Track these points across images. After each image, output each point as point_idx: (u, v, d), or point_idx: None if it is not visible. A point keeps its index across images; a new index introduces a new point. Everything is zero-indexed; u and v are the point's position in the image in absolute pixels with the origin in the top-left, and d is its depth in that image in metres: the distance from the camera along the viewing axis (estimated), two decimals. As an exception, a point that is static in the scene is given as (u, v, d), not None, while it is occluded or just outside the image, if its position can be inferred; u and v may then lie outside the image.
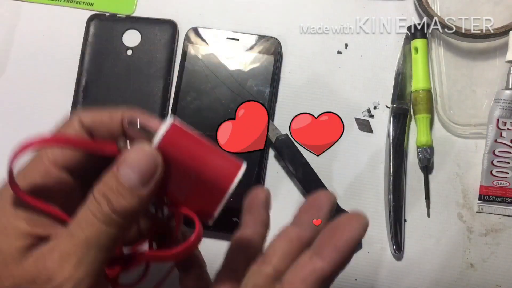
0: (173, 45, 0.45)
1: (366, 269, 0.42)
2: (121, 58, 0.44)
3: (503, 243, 0.42)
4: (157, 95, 0.44)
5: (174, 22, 0.45)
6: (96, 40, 0.45)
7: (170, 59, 0.45)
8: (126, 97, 0.44)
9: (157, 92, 0.44)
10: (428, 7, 0.44)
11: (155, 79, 0.44)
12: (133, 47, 0.45)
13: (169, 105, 0.44)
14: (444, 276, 0.42)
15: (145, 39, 0.45)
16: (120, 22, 0.45)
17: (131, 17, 0.46)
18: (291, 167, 0.42)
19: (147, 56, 0.44)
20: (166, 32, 0.45)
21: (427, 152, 0.43)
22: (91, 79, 0.44)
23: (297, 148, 0.42)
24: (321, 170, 0.43)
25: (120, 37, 0.45)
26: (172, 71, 0.45)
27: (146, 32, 0.45)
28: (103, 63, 0.44)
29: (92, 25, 0.45)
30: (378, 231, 0.42)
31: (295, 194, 0.43)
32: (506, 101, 0.42)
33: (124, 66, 0.44)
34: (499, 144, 0.42)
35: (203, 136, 0.23)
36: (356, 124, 0.44)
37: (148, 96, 0.44)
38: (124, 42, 0.45)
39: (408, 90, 0.44)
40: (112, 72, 0.44)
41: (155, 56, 0.45)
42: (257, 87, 0.43)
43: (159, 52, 0.45)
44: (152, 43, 0.45)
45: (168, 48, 0.45)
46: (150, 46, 0.45)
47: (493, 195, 0.43)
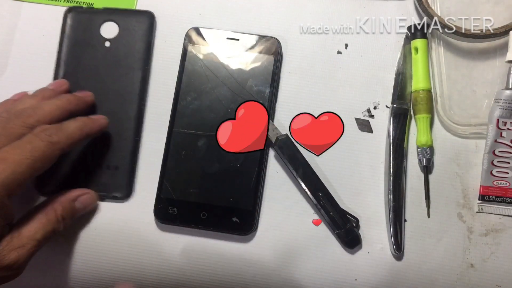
0: (151, 36, 0.45)
1: (366, 269, 0.42)
2: (99, 50, 0.45)
3: (504, 243, 0.42)
4: (135, 86, 0.44)
5: (151, 13, 0.46)
6: (73, 32, 0.45)
7: (148, 50, 0.45)
8: (104, 88, 0.44)
9: (135, 83, 0.44)
10: (428, 7, 0.44)
11: (133, 70, 0.44)
12: (111, 39, 0.45)
13: (147, 98, 0.45)
14: (444, 276, 0.42)
15: (123, 30, 0.45)
16: (97, 14, 0.45)
17: (109, 8, 0.46)
18: (291, 167, 0.42)
19: (125, 48, 0.45)
20: (144, 23, 0.45)
21: (427, 152, 0.43)
22: (69, 71, 0.44)
23: (297, 148, 0.42)
24: (321, 170, 0.43)
25: (98, 29, 0.45)
26: (150, 62, 0.45)
27: (124, 23, 0.45)
28: (81, 55, 0.45)
29: (69, 17, 0.45)
30: (378, 231, 0.42)
31: (295, 194, 0.43)
32: (506, 101, 0.42)
33: (102, 58, 0.44)
34: (499, 144, 0.42)
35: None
36: (356, 124, 0.44)
37: (125, 87, 0.44)
38: (102, 34, 0.45)
39: (408, 90, 0.44)
40: (90, 64, 0.44)
41: (133, 47, 0.45)
42: (257, 87, 0.43)
43: (137, 43, 0.45)
44: (130, 34, 0.45)
45: (146, 39, 0.45)
46: (128, 37, 0.45)
47: (493, 195, 0.43)
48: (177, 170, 0.42)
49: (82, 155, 0.43)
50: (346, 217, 0.41)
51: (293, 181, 0.43)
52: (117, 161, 0.43)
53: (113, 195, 0.43)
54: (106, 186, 0.43)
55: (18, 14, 0.46)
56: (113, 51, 0.45)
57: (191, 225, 0.41)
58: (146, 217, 0.42)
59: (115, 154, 0.43)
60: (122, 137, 0.43)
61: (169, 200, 0.42)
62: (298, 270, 0.42)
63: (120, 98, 0.44)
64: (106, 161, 0.43)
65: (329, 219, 0.41)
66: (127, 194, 0.43)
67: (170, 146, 0.43)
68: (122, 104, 0.44)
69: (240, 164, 0.42)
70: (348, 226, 0.41)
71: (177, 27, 0.46)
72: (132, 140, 0.43)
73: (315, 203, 0.41)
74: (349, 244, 0.41)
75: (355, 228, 0.41)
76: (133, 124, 0.44)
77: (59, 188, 0.41)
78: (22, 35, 0.46)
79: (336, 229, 0.41)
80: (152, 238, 0.42)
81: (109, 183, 0.43)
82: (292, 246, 0.42)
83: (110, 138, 0.43)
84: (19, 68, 0.45)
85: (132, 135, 0.43)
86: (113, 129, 0.43)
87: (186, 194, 0.42)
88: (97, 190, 0.42)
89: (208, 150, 0.42)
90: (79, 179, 0.42)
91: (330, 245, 0.42)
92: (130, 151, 0.43)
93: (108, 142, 0.43)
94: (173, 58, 0.45)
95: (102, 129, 0.40)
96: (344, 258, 0.42)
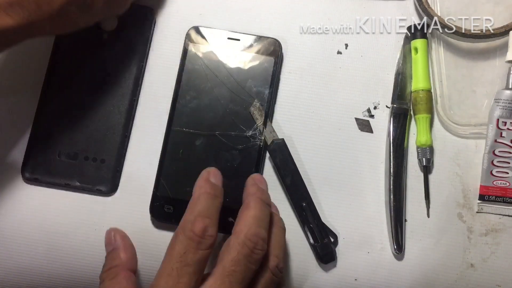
0: (149, 32, 0.45)
1: (367, 269, 0.42)
2: (96, 41, 0.45)
3: (503, 243, 0.42)
4: (129, 81, 0.44)
5: (151, 8, 0.46)
6: None
7: (145, 46, 0.45)
8: (98, 80, 0.44)
9: (129, 78, 0.44)
10: (428, 7, 0.44)
11: (128, 65, 0.44)
12: (109, 31, 0.45)
13: (139, 93, 0.45)
14: (444, 276, 0.42)
15: (122, 24, 0.45)
16: None
17: None
18: (281, 173, 0.42)
19: (123, 42, 0.45)
20: (143, 18, 0.45)
21: (427, 152, 0.43)
22: (64, 61, 0.44)
23: (290, 154, 0.42)
24: (321, 170, 0.43)
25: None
26: (146, 59, 0.45)
27: (123, 17, 0.45)
28: (78, 46, 0.44)
29: None
30: (378, 231, 0.42)
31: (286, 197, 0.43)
32: (506, 101, 0.42)
33: (99, 50, 0.44)
34: (499, 144, 0.42)
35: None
36: (356, 124, 0.44)
37: (120, 81, 0.44)
38: (101, 26, 0.45)
39: (408, 90, 0.44)
40: (87, 55, 0.44)
41: (130, 42, 0.45)
42: (257, 87, 0.43)
43: (135, 38, 0.45)
44: (128, 29, 0.45)
45: (144, 35, 0.45)
46: (126, 32, 0.45)
47: (493, 195, 0.43)
48: (174, 169, 0.42)
49: (70, 144, 0.43)
50: (325, 232, 0.41)
51: (282, 187, 0.43)
52: (104, 154, 0.43)
53: (97, 189, 0.43)
54: (90, 178, 0.43)
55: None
56: (111, 44, 0.45)
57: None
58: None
59: (103, 147, 0.43)
60: (111, 130, 0.43)
61: (165, 198, 0.42)
62: (295, 269, 0.42)
63: (112, 92, 0.44)
64: (93, 153, 0.43)
65: (307, 230, 0.41)
66: (111, 189, 0.43)
67: (168, 145, 0.43)
68: (114, 97, 0.44)
69: (237, 164, 0.42)
70: (325, 241, 0.41)
71: (177, 27, 0.46)
72: (121, 135, 0.43)
73: (297, 213, 0.41)
74: (323, 259, 0.41)
75: (331, 244, 0.41)
76: (123, 119, 0.44)
77: (45, 175, 0.42)
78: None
79: (313, 241, 0.41)
80: (148, 236, 0.42)
81: (94, 176, 0.43)
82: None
83: (99, 131, 0.43)
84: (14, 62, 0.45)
85: (121, 129, 0.43)
86: (103, 122, 0.43)
87: (183, 192, 0.41)
88: (82, 182, 0.42)
89: (205, 149, 0.42)
90: (65, 169, 0.43)
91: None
92: (118, 145, 0.43)
93: (97, 135, 0.43)
94: (173, 58, 0.45)
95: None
96: (344, 258, 0.42)
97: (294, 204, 0.41)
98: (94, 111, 0.43)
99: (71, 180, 0.43)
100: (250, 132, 0.43)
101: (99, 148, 0.43)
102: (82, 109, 0.43)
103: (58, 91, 0.44)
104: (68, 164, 0.43)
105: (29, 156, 0.43)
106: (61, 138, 0.43)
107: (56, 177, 0.43)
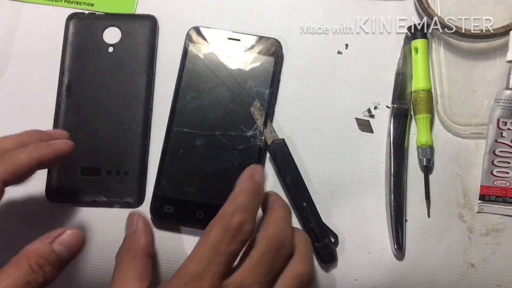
0: (154, 40, 0.45)
1: (367, 269, 0.42)
2: (102, 55, 0.45)
3: (504, 243, 0.42)
4: (140, 90, 0.44)
5: (154, 17, 0.46)
6: (76, 39, 0.45)
7: (151, 54, 0.45)
8: (110, 94, 0.44)
9: (141, 88, 0.44)
10: (428, 7, 0.44)
11: (137, 74, 0.44)
12: (114, 44, 0.45)
13: (153, 101, 0.44)
14: (444, 276, 0.41)
15: (126, 35, 0.45)
16: (99, 20, 0.45)
17: (111, 14, 0.46)
18: (281, 173, 0.42)
19: (129, 52, 0.45)
20: (146, 27, 0.45)
21: (427, 152, 0.43)
22: (74, 78, 0.44)
23: (291, 154, 0.42)
24: (321, 170, 0.43)
25: (100, 34, 0.45)
26: (154, 66, 0.45)
27: (126, 28, 0.45)
28: (84, 62, 0.45)
29: (71, 24, 0.45)
30: (379, 231, 0.42)
31: (285, 198, 0.43)
32: (506, 101, 0.42)
33: (106, 63, 0.44)
34: (499, 144, 0.42)
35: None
36: (357, 124, 0.44)
37: (131, 92, 0.44)
38: (105, 40, 0.45)
39: (408, 90, 0.44)
40: (94, 70, 0.44)
41: (136, 52, 0.45)
42: (257, 88, 0.43)
43: (140, 47, 0.45)
44: (132, 39, 0.45)
45: (149, 43, 0.45)
46: (131, 42, 0.45)
47: (494, 195, 0.42)
48: (175, 169, 0.42)
49: (91, 160, 0.43)
50: (326, 232, 0.41)
51: (282, 186, 0.43)
52: (127, 166, 0.43)
53: (125, 201, 0.42)
54: (117, 192, 0.42)
55: (19, 14, 0.46)
56: (117, 56, 0.45)
57: (187, 224, 0.41)
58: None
59: (125, 159, 0.43)
60: (130, 142, 0.43)
61: (165, 198, 0.42)
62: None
63: (126, 103, 0.44)
64: (116, 167, 0.43)
65: (308, 230, 0.41)
66: (139, 199, 0.43)
67: (168, 145, 0.43)
68: (128, 109, 0.44)
69: (238, 164, 0.42)
70: (326, 241, 0.41)
71: (177, 27, 0.46)
72: (141, 145, 0.43)
73: (297, 213, 0.41)
74: (323, 259, 0.41)
75: (332, 244, 0.41)
76: (141, 128, 0.44)
77: (69, 196, 0.41)
78: (22, 35, 0.46)
79: (313, 241, 0.41)
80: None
81: (119, 189, 0.42)
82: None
83: (118, 144, 0.43)
84: (19, 68, 0.45)
85: (140, 139, 0.43)
86: (121, 134, 0.43)
87: (183, 192, 0.42)
88: (108, 196, 0.42)
89: (206, 149, 0.42)
90: (89, 186, 0.42)
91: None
92: (139, 156, 0.43)
93: (117, 148, 0.43)
94: (174, 58, 0.45)
95: (62, 154, 0.35)
96: (344, 258, 0.42)
97: (295, 204, 0.41)
98: (111, 125, 0.43)
99: (97, 196, 0.42)
100: (250, 132, 0.43)
101: (121, 160, 0.43)
102: (99, 124, 0.43)
103: (73, 110, 0.44)
104: (91, 181, 0.42)
105: (51, 177, 0.43)
106: (82, 155, 0.43)
107: (81, 195, 0.42)
